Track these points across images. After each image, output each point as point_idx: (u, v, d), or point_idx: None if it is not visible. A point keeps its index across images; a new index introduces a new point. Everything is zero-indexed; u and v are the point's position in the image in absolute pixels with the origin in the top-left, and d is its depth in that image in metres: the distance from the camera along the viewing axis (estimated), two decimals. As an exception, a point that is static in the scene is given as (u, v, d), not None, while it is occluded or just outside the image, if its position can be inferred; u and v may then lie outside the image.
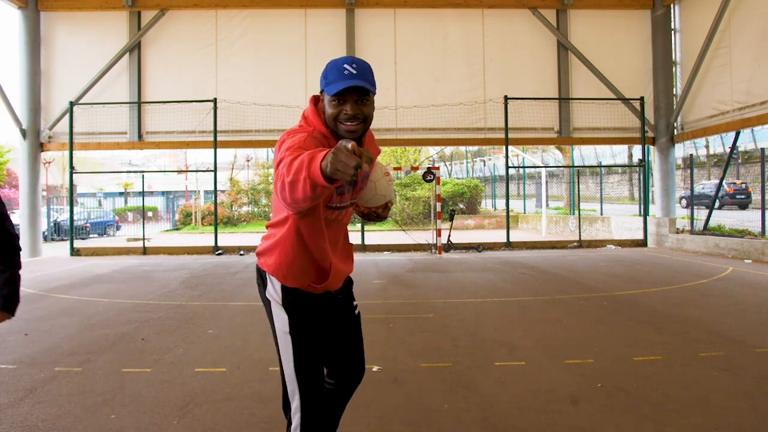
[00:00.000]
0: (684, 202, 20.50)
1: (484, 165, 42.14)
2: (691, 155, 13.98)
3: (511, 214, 17.09)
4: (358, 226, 14.52)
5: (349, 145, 1.40)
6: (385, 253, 13.10)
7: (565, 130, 13.94)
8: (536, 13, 13.81)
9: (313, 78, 13.71)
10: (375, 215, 2.02)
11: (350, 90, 1.78)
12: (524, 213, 23.16)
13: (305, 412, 1.91)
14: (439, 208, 12.50)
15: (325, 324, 2.08)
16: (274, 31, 13.81)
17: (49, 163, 31.32)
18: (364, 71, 1.82)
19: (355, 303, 2.23)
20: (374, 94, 1.87)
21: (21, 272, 2.47)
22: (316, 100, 1.96)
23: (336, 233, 2.05)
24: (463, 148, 38.94)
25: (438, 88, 13.80)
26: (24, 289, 7.92)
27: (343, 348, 2.14)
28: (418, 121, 13.69)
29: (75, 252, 13.40)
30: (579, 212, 14.82)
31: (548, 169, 27.75)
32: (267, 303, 2.06)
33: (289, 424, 1.97)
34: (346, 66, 1.79)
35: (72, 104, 13.29)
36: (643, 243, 13.57)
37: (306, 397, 1.92)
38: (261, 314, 5.96)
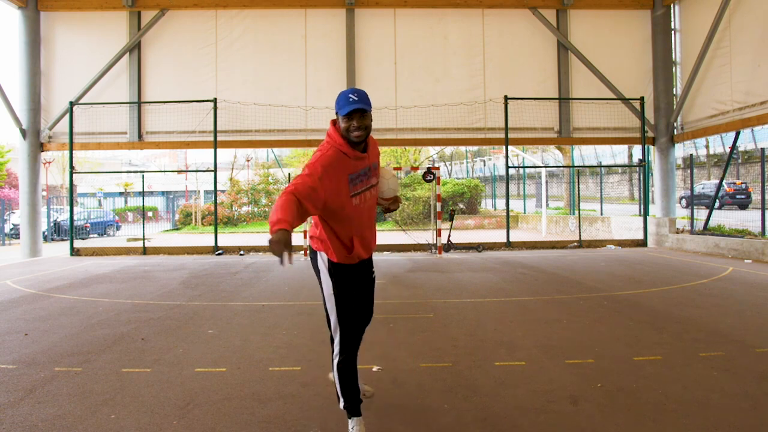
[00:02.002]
0: (684, 202, 20.51)
1: (484, 165, 42.17)
2: (691, 155, 13.98)
3: (511, 214, 17.08)
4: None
5: (277, 247, 2.27)
6: (385, 253, 13.10)
7: (565, 130, 13.95)
8: (536, 13, 13.81)
9: (313, 78, 13.72)
10: (388, 209, 2.95)
11: (355, 111, 2.65)
12: (524, 213, 23.16)
13: (343, 341, 2.83)
14: (439, 208, 12.50)
15: (358, 284, 2.93)
16: (274, 31, 13.81)
17: (49, 163, 31.32)
18: (363, 97, 2.67)
19: (373, 269, 3.10)
20: (371, 110, 2.72)
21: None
22: (334, 123, 2.77)
23: (363, 215, 2.83)
24: (463, 148, 38.96)
25: (438, 88, 13.80)
26: (24, 289, 7.92)
27: (361, 299, 2.98)
28: (418, 121, 13.70)
29: (75, 252, 13.40)
30: (579, 212, 14.82)
31: (548, 169, 27.75)
32: (318, 271, 2.91)
33: (333, 351, 2.87)
34: (350, 95, 2.65)
35: (72, 104, 13.30)
36: (643, 243, 13.57)
37: (344, 333, 2.83)
38: (261, 314, 5.98)
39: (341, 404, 2.87)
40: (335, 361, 2.84)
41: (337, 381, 2.83)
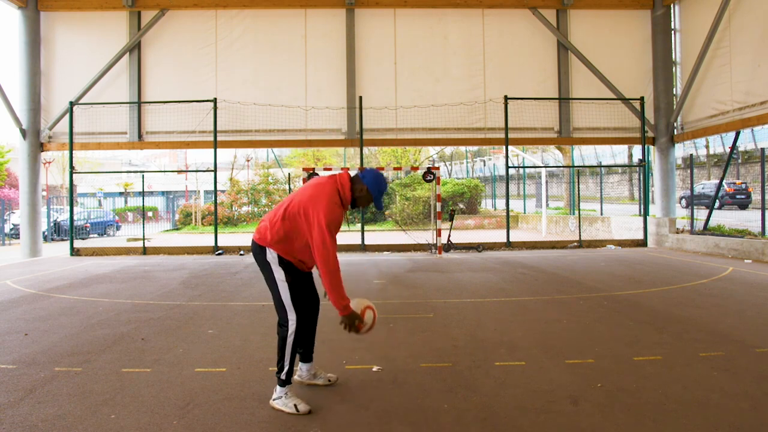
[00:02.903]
0: (684, 202, 20.51)
1: (484, 165, 42.17)
2: (691, 155, 13.98)
3: (511, 214, 17.08)
4: (358, 226, 14.49)
5: (360, 325, 3.19)
6: (385, 253, 13.10)
7: (565, 130, 13.95)
8: (536, 13, 13.82)
9: (313, 78, 13.72)
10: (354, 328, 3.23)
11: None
12: (524, 213, 23.16)
13: (298, 322, 3.22)
14: (439, 208, 12.50)
15: (304, 277, 3.35)
16: (274, 31, 13.82)
17: (49, 163, 31.32)
18: None
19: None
20: None
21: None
22: (351, 177, 3.24)
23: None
24: (463, 148, 38.96)
25: (438, 88, 13.80)
26: (24, 289, 7.92)
27: (309, 289, 3.46)
28: (418, 121, 13.70)
29: (75, 252, 13.40)
30: (579, 212, 14.82)
31: (548, 169, 27.75)
32: (267, 263, 3.24)
33: (284, 332, 3.21)
34: (386, 192, 3.16)
35: (72, 104, 13.30)
36: (643, 243, 13.57)
37: (298, 314, 3.22)
38: (261, 314, 5.98)
39: (283, 374, 3.20)
40: (291, 338, 3.19)
41: (289, 353, 3.19)
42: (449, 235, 13.34)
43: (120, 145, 13.93)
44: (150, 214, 29.47)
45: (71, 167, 13.65)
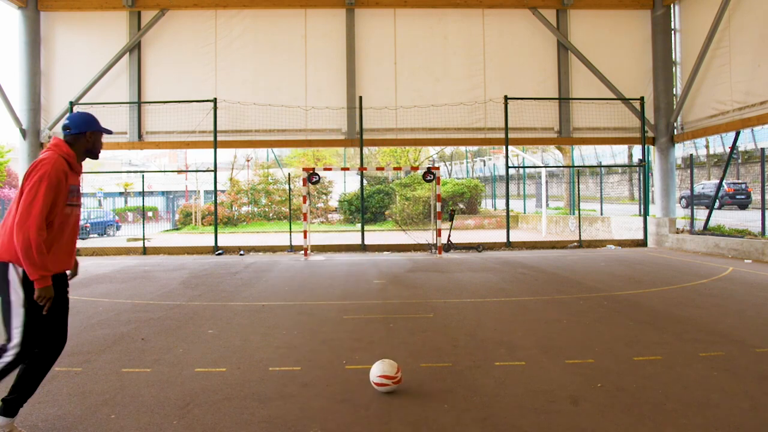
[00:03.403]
0: (684, 202, 20.49)
1: (484, 165, 42.14)
2: (691, 155, 13.98)
3: (511, 214, 17.07)
4: (358, 226, 14.47)
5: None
6: (385, 253, 13.10)
7: (565, 130, 13.95)
8: (536, 13, 13.82)
9: (313, 78, 13.72)
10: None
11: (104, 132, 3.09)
12: (524, 213, 23.16)
13: (19, 356, 2.75)
14: (439, 208, 12.50)
15: (59, 296, 2.84)
16: (274, 31, 13.82)
17: (49, 163, 31.24)
18: None
19: (68, 290, 3.00)
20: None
21: None
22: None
23: (70, 231, 2.89)
24: (463, 148, 38.95)
25: (438, 88, 13.81)
26: (24, 289, 7.90)
27: (62, 319, 2.90)
28: (418, 121, 13.70)
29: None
30: (579, 212, 14.82)
31: (548, 169, 27.74)
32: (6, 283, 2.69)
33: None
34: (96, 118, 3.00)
35: (72, 104, 13.30)
36: (643, 243, 13.57)
37: (23, 350, 2.74)
38: (261, 314, 5.97)
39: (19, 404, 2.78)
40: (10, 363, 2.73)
41: (28, 380, 2.76)
42: (449, 235, 13.34)
43: (120, 145, 13.92)
44: (150, 214, 29.46)
45: (71, 167, 13.62)
